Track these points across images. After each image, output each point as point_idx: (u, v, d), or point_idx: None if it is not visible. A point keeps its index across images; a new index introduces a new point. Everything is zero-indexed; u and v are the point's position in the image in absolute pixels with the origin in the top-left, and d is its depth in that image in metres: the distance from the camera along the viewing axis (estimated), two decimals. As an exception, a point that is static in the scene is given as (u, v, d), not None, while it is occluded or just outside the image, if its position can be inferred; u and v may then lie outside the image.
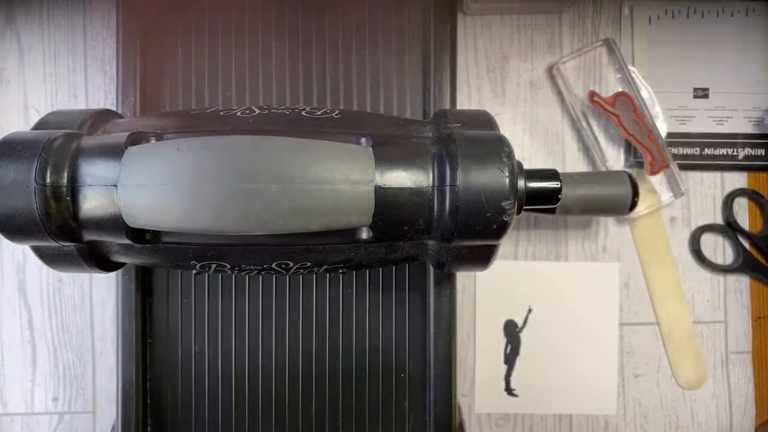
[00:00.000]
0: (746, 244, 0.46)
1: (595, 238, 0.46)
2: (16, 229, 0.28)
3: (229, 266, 0.32)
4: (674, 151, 0.46)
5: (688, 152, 0.46)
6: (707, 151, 0.46)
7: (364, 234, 0.29)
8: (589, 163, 0.47)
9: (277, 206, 0.27)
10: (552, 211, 0.37)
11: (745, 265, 0.46)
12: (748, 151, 0.46)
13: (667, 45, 0.46)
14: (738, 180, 0.47)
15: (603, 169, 0.46)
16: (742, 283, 0.47)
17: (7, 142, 0.29)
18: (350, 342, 0.40)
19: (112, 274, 0.39)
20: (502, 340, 0.46)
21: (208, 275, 0.40)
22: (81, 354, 0.46)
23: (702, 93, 0.46)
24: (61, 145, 0.28)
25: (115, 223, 0.28)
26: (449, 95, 0.40)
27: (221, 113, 0.32)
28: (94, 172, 0.28)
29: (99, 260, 0.32)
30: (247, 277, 0.40)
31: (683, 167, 0.46)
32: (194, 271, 0.33)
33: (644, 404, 0.46)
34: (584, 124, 0.46)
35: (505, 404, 0.46)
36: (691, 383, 0.46)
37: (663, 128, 0.46)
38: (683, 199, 0.47)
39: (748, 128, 0.46)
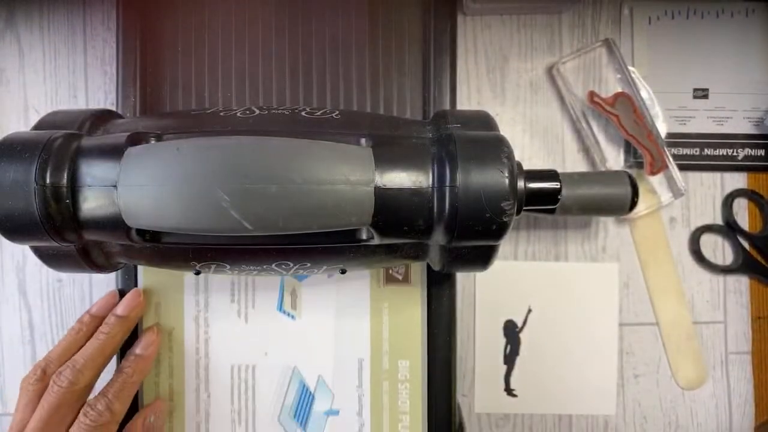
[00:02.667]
0: (746, 245, 0.46)
1: (594, 238, 0.47)
2: (16, 229, 0.28)
3: (228, 266, 0.32)
4: (674, 151, 0.46)
5: (688, 153, 0.46)
6: (707, 151, 0.46)
7: (364, 234, 0.29)
8: (589, 164, 0.47)
9: (277, 206, 0.27)
10: (552, 212, 0.37)
11: (744, 265, 0.46)
12: (747, 151, 0.46)
13: (667, 45, 0.46)
14: (738, 180, 0.47)
15: (603, 169, 0.46)
16: (741, 283, 0.47)
17: (7, 142, 0.29)
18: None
19: (112, 274, 0.40)
20: (502, 341, 0.46)
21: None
22: (81, 354, 0.46)
23: (702, 93, 0.46)
24: (61, 146, 0.28)
25: (115, 224, 0.28)
26: (449, 95, 0.40)
27: (221, 113, 0.32)
28: (94, 173, 0.28)
29: (99, 260, 0.32)
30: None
31: (683, 168, 0.46)
32: (194, 272, 0.33)
33: (644, 404, 0.47)
34: (584, 124, 0.46)
35: (505, 404, 0.46)
36: (691, 383, 0.47)
37: (663, 129, 0.46)
38: (683, 200, 0.47)
39: (748, 129, 0.46)
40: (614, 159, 0.46)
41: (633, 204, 0.39)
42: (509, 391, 0.46)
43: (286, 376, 0.39)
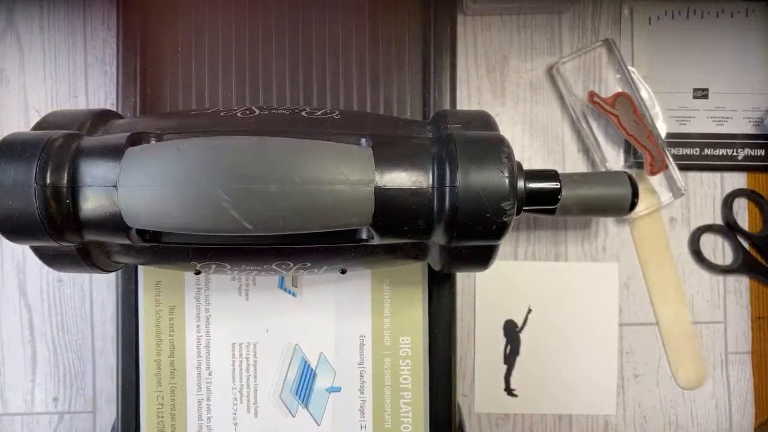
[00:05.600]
0: (746, 245, 0.46)
1: (594, 238, 0.47)
2: (16, 229, 0.28)
3: (229, 266, 0.32)
4: (674, 151, 0.46)
5: (688, 153, 0.46)
6: (707, 151, 0.46)
7: (364, 234, 0.29)
8: (589, 164, 0.47)
9: (277, 206, 0.27)
10: (552, 212, 0.37)
11: (744, 265, 0.46)
12: (747, 151, 0.46)
13: (667, 45, 0.46)
14: (738, 180, 0.47)
15: (603, 169, 0.46)
16: (741, 283, 0.47)
17: (7, 142, 0.29)
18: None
19: (112, 274, 0.40)
20: (502, 340, 0.46)
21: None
22: (81, 354, 0.46)
23: (702, 93, 0.46)
24: (61, 146, 0.28)
25: (115, 224, 0.28)
26: (449, 95, 0.40)
27: (221, 113, 0.32)
28: (94, 173, 0.28)
29: (99, 260, 0.32)
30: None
31: (683, 168, 0.46)
32: (194, 271, 0.33)
33: (644, 404, 0.47)
34: (584, 124, 0.46)
35: (505, 404, 0.46)
36: (691, 383, 0.47)
37: (663, 129, 0.46)
38: (683, 200, 0.47)
39: (748, 129, 0.46)
40: (614, 159, 0.46)
41: (633, 204, 0.39)
42: (509, 391, 0.46)
43: (287, 353, 0.39)
